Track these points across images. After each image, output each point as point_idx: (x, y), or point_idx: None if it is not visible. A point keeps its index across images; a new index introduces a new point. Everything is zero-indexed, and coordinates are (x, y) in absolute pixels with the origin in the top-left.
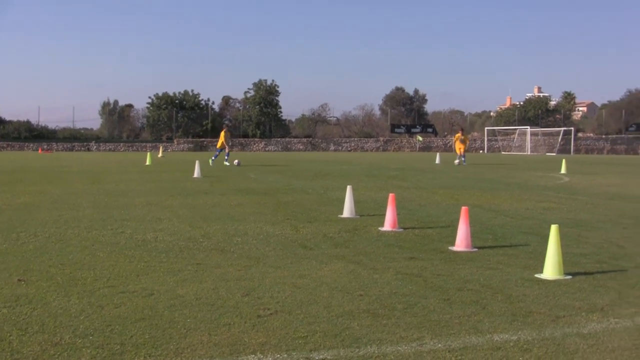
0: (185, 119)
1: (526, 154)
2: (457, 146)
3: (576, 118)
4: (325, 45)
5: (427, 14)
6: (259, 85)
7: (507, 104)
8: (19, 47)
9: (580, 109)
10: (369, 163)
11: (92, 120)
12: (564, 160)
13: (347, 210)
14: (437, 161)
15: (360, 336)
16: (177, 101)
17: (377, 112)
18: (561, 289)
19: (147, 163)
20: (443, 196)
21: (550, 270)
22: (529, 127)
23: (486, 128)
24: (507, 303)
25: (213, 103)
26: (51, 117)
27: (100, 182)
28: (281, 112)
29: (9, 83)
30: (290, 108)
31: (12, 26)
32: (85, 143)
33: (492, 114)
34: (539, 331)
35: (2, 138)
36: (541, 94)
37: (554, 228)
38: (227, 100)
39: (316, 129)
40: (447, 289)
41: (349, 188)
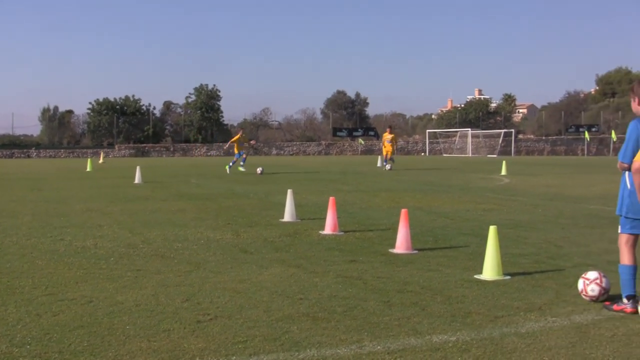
0: (126, 124)
1: (467, 156)
2: (385, 148)
3: (516, 120)
4: (267, 48)
5: (369, 18)
6: (200, 90)
7: (449, 107)
8: None
9: (521, 110)
10: (311, 167)
11: (32, 127)
12: (504, 162)
13: (288, 214)
14: (379, 164)
15: (299, 340)
16: (118, 107)
17: (319, 116)
18: (500, 290)
19: (88, 169)
20: (384, 199)
21: (489, 271)
22: (469, 129)
23: (427, 131)
24: (446, 304)
25: (154, 108)
26: None
27: (40, 189)
28: (223, 116)
29: None
30: (232, 112)
31: None
32: (25, 150)
33: (433, 116)
34: (478, 331)
35: None
36: (482, 97)
37: (492, 229)
38: (168, 105)
39: (258, 134)
40: (387, 291)
41: (289, 192)
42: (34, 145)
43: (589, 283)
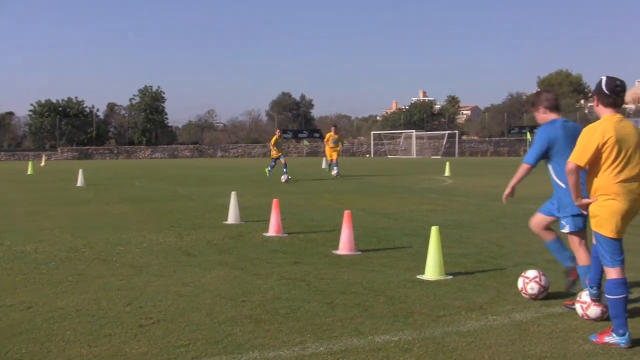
0: (69, 126)
1: (412, 157)
2: (328, 151)
3: (460, 121)
4: (211, 49)
5: (313, 18)
6: (144, 91)
7: (393, 108)
8: None
9: (465, 112)
10: (256, 168)
11: None
12: (447, 163)
13: (232, 217)
14: (324, 166)
15: (242, 342)
16: (60, 108)
17: (264, 118)
18: (442, 289)
19: (29, 172)
20: (329, 200)
21: (432, 271)
22: (414, 130)
23: (372, 132)
24: (389, 304)
25: (98, 110)
26: None
27: None
28: (167, 118)
29: None
30: (177, 114)
31: None
32: None
33: (378, 118)
34: (420, 331)
35: None
36: (426, 98)
37: (434, 230)
38: (112, 107)
39: (203, 136)
40: (330, 292)
41: (233, 194)
42: None
43: (529, 281)
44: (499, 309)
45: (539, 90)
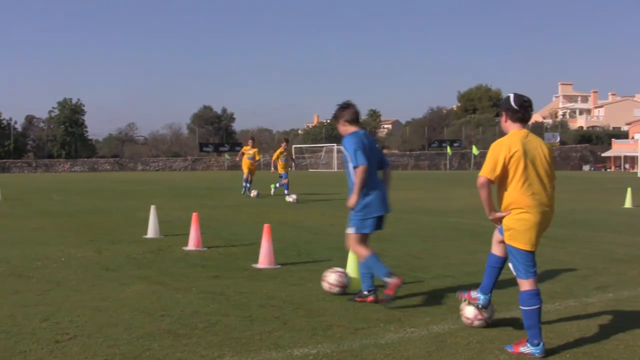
0: None
1: (333, 170)
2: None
3: (382, 135)
4: (131, 61)
5: (232, 31)
6: (63, 104)
7: (315, 122)
8: None
9: (386, 126)
10: (177, 182)
11: None
12: None
13: (152, 231)
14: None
15: (160, 357)
16: None
17: (185, 131)
18: (361, 302)
19: None
20: (249, 214)
21: (352, 284)
22: (335, 144)
23: (294, 146)
24: (308, 317)
25: (15, 122)
26: None
27: None
28: (87, 131)
29: None
30: (97, 127)
31: None
32: None
33: (299, 131)
34: (339, 343)
35: None
36: None
37: None
38: (30, 119)
39: (124, 149)
40: (249, 306)
41: (152, 208)
42: None
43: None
44: (416, 321)
45: (343, 103)
